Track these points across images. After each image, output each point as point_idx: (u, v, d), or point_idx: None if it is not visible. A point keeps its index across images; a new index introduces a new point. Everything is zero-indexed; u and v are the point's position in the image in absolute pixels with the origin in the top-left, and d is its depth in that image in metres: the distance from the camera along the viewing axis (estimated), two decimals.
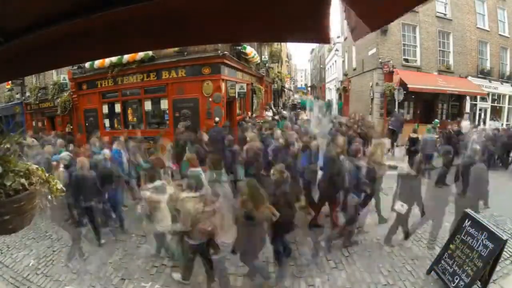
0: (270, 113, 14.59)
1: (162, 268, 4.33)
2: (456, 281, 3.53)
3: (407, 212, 4.48)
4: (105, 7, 0.82)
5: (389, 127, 11.80)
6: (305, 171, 5.37)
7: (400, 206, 4.42)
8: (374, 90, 14.93)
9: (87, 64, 10.26)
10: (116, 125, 10.91)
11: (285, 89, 33.04)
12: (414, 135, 8.78)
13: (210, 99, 9.07)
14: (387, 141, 9.80)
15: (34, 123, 13.72)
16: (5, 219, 1.18)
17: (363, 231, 5.19)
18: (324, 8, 0.72)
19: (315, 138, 6.47)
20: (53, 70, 11.93)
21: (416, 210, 4.76)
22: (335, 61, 29.87)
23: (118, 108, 10.69)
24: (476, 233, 3.59)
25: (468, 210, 4.02)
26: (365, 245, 4.79)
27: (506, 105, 16.94)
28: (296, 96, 43.00)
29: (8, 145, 1.30)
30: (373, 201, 5.32)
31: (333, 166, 4.77)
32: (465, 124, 11.94)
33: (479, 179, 4.71)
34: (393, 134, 11.12)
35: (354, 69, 19.75)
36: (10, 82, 13.28)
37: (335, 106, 26.31)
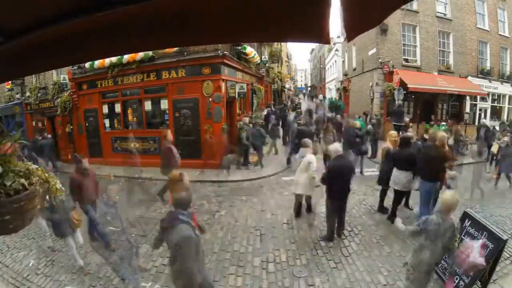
0: (264, 112, 14.64)
1: (162, 268, 4.33)
2: (456, 281, 3.53)
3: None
4: (105, 7, 0.82)
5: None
6: None
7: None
8: (374, 90, 14.94)
9: (87, 64, 10.26)
10: (116, 125, 10.92)
11: (285, 89, 33.14)
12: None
13: (210, 99, 9.07)
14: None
15: (34, 123, 13.71)
16: (6, 219, 1.18)
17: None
18: (324, 8, 0.72)
19: None
20: (53, 70, 11.93)
21: None
22: (335, 61, 29.92)
23: (118, 108, 10.69)
24: (476, 233, 3.58)
25: (468, 210, 4.02)
26: (365, 245, 4.79)
27: (506, 105, 16.94)
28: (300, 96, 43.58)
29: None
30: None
31: None
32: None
33: None
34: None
35: (354, 69, 19.76)
36: (10, 82, 13.27)
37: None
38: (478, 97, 15.71)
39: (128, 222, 5.81)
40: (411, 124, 10.88)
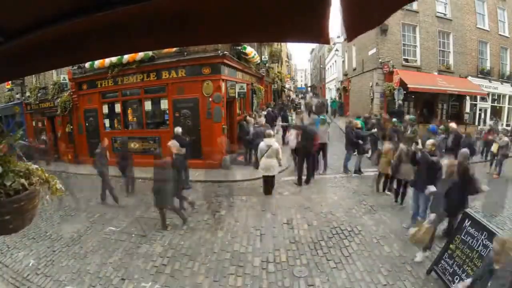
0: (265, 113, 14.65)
1: (162, 268, 4.34)
2: (456, 281, 3.53)
3: None
4: (105, 7, 0.82)
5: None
6: None
7: None
8: (374, 90, 14.95)
9: (87, 64, 10.26)
10: (116, 125, 10.92)
11: (285, 89, 33.17)
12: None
13: (210, 99, 9.07)
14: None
15: (34, 123, 13.72)
16: (6, 219, 1.18)
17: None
18: (324, 8, 0.72)
19: None
20: (53, 70, 11.93)
21: None
22: (335, 61, 29.90)
23: (118, 108, 10.69)
24: (476, 233, 3.58)
25: (468, 210, 4.02)
26: (365, 245, 4.80)
27: (506, 105, 16.94)
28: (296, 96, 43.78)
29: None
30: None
31: None
32: None
33: None
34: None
35: (354, 69, 19.77)
36: (10, 82, 13.27)
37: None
38: (478, 97, 15.72)
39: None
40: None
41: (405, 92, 12.99)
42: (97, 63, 9.88)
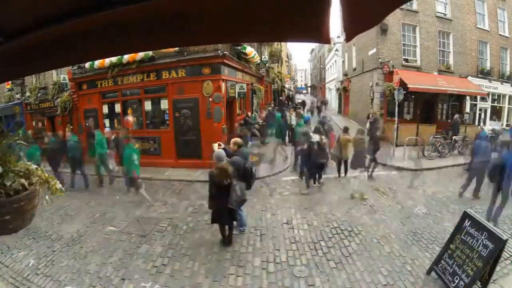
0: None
1: (162, 268, 4.33)
2: (456, 281, 3.53)
3: None
4: (105, 7, 0.82)
5: None
6: None
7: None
8: (374, 90, 14.93)
9: (87, 64, 10.25)
10: (116, 125, 10.91)
11: (285, 89, 33.16)
12: None
13: (210, 99, 9.07)
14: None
15: (34, 123, 13.71)
16: (6, 219, 1.18)
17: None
18: (324, 8, 0.72)
19: None
20: (53, 70, 11.93)
21: None
22: (335, 61, 29.90)
23: (118, 108, 10.69)
24: (476, 233, 3.58)
25: (468, 210, 4.02)
26: (365, 245, 4.80)
27: (506, 105, 16.93)
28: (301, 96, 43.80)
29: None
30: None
31: None
32: None
33: None
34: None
35: (354, 69, 19.76)
36: (10, 82, 13.27)
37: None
38: (478, 97, 15.71)
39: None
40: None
41: (405, 92, 12.94)
42: (97, 63, 9.87)
